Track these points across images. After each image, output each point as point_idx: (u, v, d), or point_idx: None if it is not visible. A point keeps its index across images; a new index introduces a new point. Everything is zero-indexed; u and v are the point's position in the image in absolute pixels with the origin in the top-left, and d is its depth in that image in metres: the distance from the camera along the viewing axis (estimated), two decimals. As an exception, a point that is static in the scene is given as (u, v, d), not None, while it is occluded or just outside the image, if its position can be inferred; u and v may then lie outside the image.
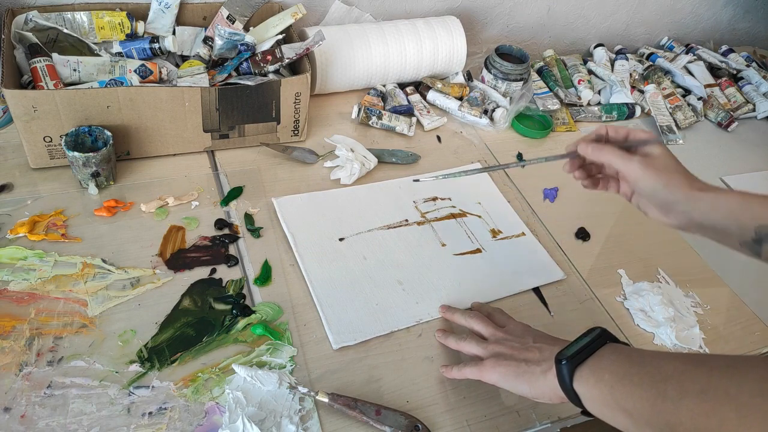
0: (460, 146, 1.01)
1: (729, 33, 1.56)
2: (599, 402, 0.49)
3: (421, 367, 0.67)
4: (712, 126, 1.23)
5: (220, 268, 0.73)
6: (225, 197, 0.82)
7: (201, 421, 0.58)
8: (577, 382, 0.51)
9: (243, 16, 0.91)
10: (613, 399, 0.48)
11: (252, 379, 0.61)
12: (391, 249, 0.79)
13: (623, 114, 1.16)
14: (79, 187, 0.79)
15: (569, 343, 0.54)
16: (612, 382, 0.48)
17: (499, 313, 0.69)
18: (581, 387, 0.51)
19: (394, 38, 1.03)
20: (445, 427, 0.62)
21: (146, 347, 0.63)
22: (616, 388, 0.48)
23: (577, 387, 0.51)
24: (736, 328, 0.80)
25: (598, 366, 0.51)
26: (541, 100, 1.14)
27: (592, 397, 0.50)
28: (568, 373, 0.51)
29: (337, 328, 0.68)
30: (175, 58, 0.93)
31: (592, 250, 0.87)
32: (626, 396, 0.47)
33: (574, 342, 0.54)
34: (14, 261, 0.69)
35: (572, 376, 0.51)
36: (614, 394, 0.48)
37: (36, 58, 0.80)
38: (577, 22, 1.35)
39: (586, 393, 0.50)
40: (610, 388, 0.48)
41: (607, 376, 0.49)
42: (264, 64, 0.88)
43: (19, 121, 0.74)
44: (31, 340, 0.61)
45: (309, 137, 0.95)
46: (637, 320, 0.78)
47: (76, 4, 0.88)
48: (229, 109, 0.84)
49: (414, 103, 1.06)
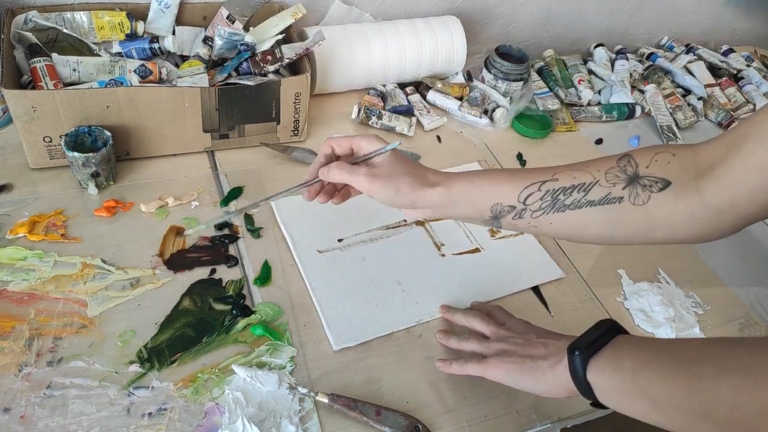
0: (460, 146, 1.01)
1: (729, 33, 1.56)
2: (618, 392, 0.49)
3: (421, 368, 0.67)
4: (713, 126, 1.23)
5: (219, 269, 0.73)
6: (225, 197, 0.82)
7: (201, 421, 0.58)
8: (591, 373, 0.51)
9: (243, 16, 0.91)
10: (635, 386, 0.47)
11: (252, 379, 0.61)
12: (390, 249, 0.79)
13: (623, 114, 1.16)
14: (79, 188, 0.79)
15: (579, 336, 0.54)
16: (635, 369, 0.48)
17: (499, 311, 0.69)
18: (596, 377, 0.50)
19: (393, 38, 1.03)
20: (445, 427, 0.62)
21: (146, 347, 0.63)
22: (641, 374, 0.47)
23: (592, 378, 0.50)
24: (736, 328, 0.80)
25: (617, 355, 0.50)
26: (541, 100, 1.13)
27: (610, 387, 0.50)
28: (582, 365, 0.51)
29: (337, 329, 0.68)
30: (175, 58, 0.93)
31: (592, 250, 0.87)
32: (653, 381, 0.46)
33: (585, 334, 0.53)
34: (14, 261, 0.69)
35: (585, 368, 0.51)
36: (638, 381, 0.47)
37: (36, 58, 0.80)
38: (577, 22, 1.35)
39: (602, 383, 0.50)
40: (633, 375, 0.48)
41: (629, 364, 0.48)
42: (264, 64, 0.88)
43: (18, 122, 0.74)
44: (31, 341, 0.61)
45: (309, 137, 0.95)
46: (637, 320, 0.77)
47: (76, 4, 0.88)
48: (229, 109, 0.84)
49: (414, 103, 1.06)
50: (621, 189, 0.54)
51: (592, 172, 0.55)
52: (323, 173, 0.61)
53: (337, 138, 0.62)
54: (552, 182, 0.56)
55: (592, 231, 0.56)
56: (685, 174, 0.53)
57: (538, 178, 0.57)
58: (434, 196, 0.59)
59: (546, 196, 0.56)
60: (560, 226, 0.56)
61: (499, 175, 0.60)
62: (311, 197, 0.63)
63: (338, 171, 0.59)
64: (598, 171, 0.55)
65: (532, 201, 0.57)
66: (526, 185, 0.57)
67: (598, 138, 1.10)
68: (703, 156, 0.53)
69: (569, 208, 0.55)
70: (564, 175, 0.56)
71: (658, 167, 0.53)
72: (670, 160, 0.54)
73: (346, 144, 0.62)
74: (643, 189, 0.53)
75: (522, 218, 0.57)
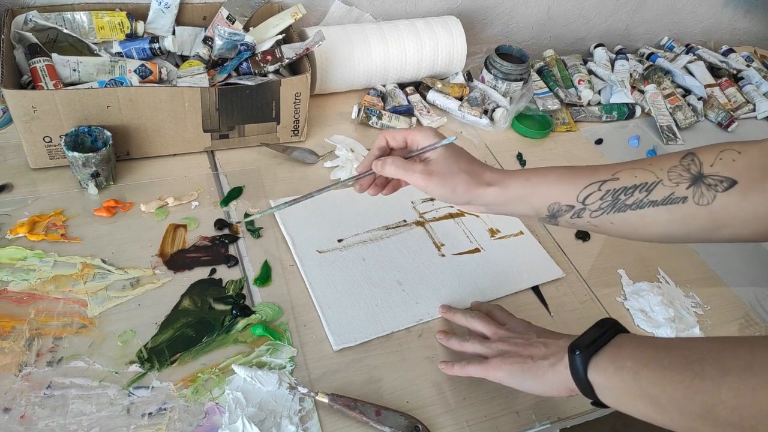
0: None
1: (729, 33, 1.56)
2: (619, 391, 0.49)
3: (422, 368, 0.67)
4: (713, 126, 1.23)
5: (219, 269, 0.73)
6: (225, 197, 0.82)
7: (201, 421, 0.58)
8: (592, 372, 0.50)
9: (243, 16, 0.91)
10: (636, 386, 0.47)
11: (252, 379, 0.61)
12: (390, 250, 0.79)
13: (623, 114, 1.16)
14: (79, 188, 0.79)
15: (580, 335, 0.54)
16: (636, 369, 0.48)
17: (499, 311, 0.69)
18: (597, 377, 0.50)
19: (394, 38, 1.03)
20: (446, 427, 0.62)
21: (146, 348, 0.63)
22: (642, 374, 0.47)
23: (593, 377, 0.50)
24: (736, 328, 0.80)
25: (618, 354, 0.50)
26: (541, 100, 1.13)
27: (611, 386, 0.49)
28: (582, 364, 0.51)
29: (337, 329, 0.68)
30: (175, 58, 0.93)
31: (592, 250, 0.87)
32: (654, 381, 0.46)
33: (585, 333, 0.53)
34: (14, 261, 0.69)
35: (586, 367, 0.51)
36: (639, 381, 0.47)
37: (36, 58, 0.80)
38: (577, 22, 1.35)
39: (603, 383, 0.50)
40: (634, 374, 0.47)
41: (630, 363, 0.48)
42: (264, 64, 0.88)
43: (18, 122, 0.74)
44: (31, 341, 0.61)
45: (309, 137, 0.95)
46: (637, 320, 0.77)
47: (76, 4, 0.88)
48: (229, 109, 0.84)
49: (414, 103, 1.06)
50: (685, 188, 0.52)
51: (655, 171, 0.54)
52: (377, 166, 0.60)
53: (391, 131, 0.62)
54: (612, 182, 0.55)
55: (655, 231, 0.55)
56: (752, 172, 0.50)
57: (599, 177, 0.56)
58: (490, 195, 0.58)
59: (606, 195, 0.55)
60: (621, 225, 0.55)
61: (557, 173, 0.58)
62: (362, 190, 0.64)
63: (393, 167, 0.59)
64: (660, 170, 0.54)
65: (592, 201, 0.55)
66: (586, 185, 0.56)
67: (598, 138, 1.10)
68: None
69: (630, 208, 0.54)
70: (625, 174, 0.55)
71: (723, 165, 0.51)
72: (735, 158, 0.51)
73: (400, 137, 0.61)
74: (707, 188, 0.51)
75: (581, 218, 0.57)
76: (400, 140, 0.62)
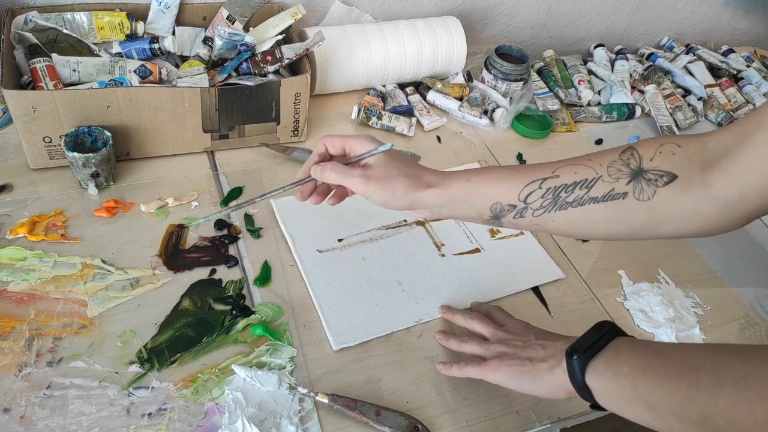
0: (460, 146, 1.01)
1: (729, 33, 1.56)
2: (617, 396, 0.49)
3: (421, 368, 0.67)
4: (713, 126, 1.23)
5: (219, 269, 0.73)
6: (225, 198, 0.82)
7: (200, 421, 0.58)
8: (590, 377, 0.50)
9: (243, 16, 0.91)
10: (633, 392, 0.47)
11: (252, 379, 0.61)
12: (390, 249, 0.79)
13: (623, 114, 1.16)
14: (79, 188, 0.79)
15: (578, 338, 0.53)
16: (633, 375, 0.47)
17: (498, 311, 0.69)
18: (595, 381, 0.50)
19: (393, 38, 1.03)
20: (445, 427, 0.62)
21: (146, 348, 0.63)
22: (639, 380, 0.47)
23: (590, 381, 0.50)
24: (736, 328, 0.80)
25: (615, 359, 0.50)
26: (541, 100, 1.13)
27: (609, 390, 0.49)
28: (580, 368, 0.51)
29: (336, 329, 0.68)
30: (175, 59, 0.93)
31: (592, 251, 0.87)
32: (650, 388, 0.46)
33: (583, 337, 0.53)
34: (14, 261, 0.69)
35: (584, 371, 0.51)
36: (635, 386, 0.47)
37: (35, 59, 0.80)
38: (577, 22, 1.35)
39: (600, 387, 0.50)
40: (631, 380, 0.47)
41: (627, 369, 0.48)
42: (264, 65, 0.88)
43: (18, 122, 0.74)
44: (31, 341, 0.61)
45: (309, 137, 0.95)
46: (637, 321, 0.77)
47: (76, 5, 0.88)
48: (228, 110, 0.84)
49: (414, 103, 1.06)
50: (625, 184, 0.52)
51: (594, 166, 0.53)
52: (316, 172, 0.59)
53: (331, 137, 0.61)
54: (553, 179, 0.54)
55: (596, 228, 0.54)
56: (692, 166, 0.50)
57: (539, 175, 0.55)
58: (431, 197, 0.57)
59: (547, 194, 0.54)
60: (563, 223, 0.55)
61: (498, 173, 0.58)
62: (304, 197, 0.62)
63: (332, 172, 0.58)
64: (600, 165, 0.53)
65: (533, 199, 0.55)
66: (526, 183, 0.55)
67: (598, 138, 1.10)
68: (710, 147, 0.50)
69: (572, 206, 0.54)
70: (565, 171, 0.54)
71: (663, 160, 0.51)
72: (675, 152, 0.51)
73: (339, 144, 0.60)
74: (647, 183, 0.51)
75: (523, 217, 0.56)
76: (339, 147, 0.61)
